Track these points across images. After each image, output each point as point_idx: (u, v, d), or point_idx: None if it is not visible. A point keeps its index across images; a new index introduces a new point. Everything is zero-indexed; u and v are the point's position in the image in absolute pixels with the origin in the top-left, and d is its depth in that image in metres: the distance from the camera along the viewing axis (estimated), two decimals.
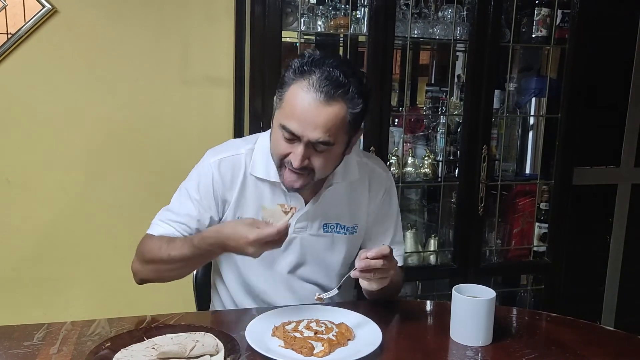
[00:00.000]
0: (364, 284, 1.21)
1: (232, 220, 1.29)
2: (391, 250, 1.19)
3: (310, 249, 1.40)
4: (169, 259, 1.25)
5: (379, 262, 1.14)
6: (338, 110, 1.18)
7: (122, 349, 1.06)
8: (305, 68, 1.18)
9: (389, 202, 1.47)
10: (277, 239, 1.14)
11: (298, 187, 1.27)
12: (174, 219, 1.32)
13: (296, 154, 1.21)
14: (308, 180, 1.26)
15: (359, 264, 1.15)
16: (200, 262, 1.36)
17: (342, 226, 1.41)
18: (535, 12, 2.14)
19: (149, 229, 1.34)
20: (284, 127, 1.20)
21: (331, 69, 1.17)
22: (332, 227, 1.40)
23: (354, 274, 1.16)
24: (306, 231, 1.39)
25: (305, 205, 1.37)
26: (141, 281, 1.34)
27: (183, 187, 1.37)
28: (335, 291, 1.25)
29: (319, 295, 1.22)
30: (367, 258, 1.14)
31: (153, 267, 1.29)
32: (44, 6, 1.90)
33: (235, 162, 1.35)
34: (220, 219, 1.35)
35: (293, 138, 1.20)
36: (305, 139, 1.19)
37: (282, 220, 1.13)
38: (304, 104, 1.17)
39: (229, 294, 1.45)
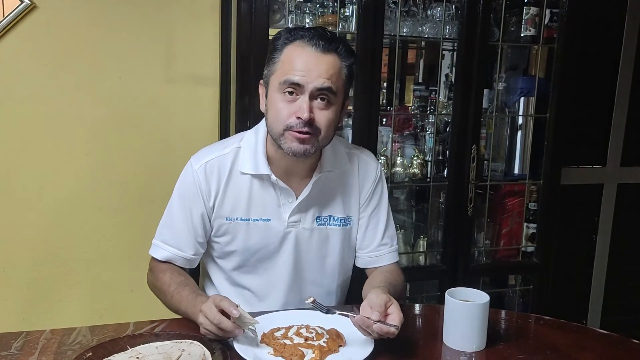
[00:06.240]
0: None
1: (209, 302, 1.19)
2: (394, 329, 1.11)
3: (305, 245, 1.39)
4: (171, 302, 1.30)
5: (374, 333, 1.10)
6: (334, 59, 1.25)
7: (104, 359, 1.03)
8: (295, 33, 1.26)
9: (380, 191, 1.46)
10: (214, 326, 1.10)
11: (304, 151, 1.25)
12: (170, 243, 1.37)
13: (302, 106, 1.22)
14: (313, 142, 1.25)
15: (356, 318, 1.10)
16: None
17: (336, 218, 1.41)
18: (524, 11, 2.14)
19: (151, 249, 1.39)
20: (285, 82, 1.23)
21: (320, 30, 1.28)
22: (325, 219, 1.40)
23: (351, 317, 1.12)
24: (299, 225, 1.38)
25: (297, 199, 1.35)
26: None
27: (173, 199, 1.39)
28: (325, 309, 1.19)
29: (314, 299, 1.17)
30: (369, 318, 1.09)
31: (158, 293, 1.36)
32: (22, 1, 1.83)
33: (220, 162, 1.35)
34: (210, 217, 1.37)
35: (296, 92, 1.23)
36: (309, 86, 1.22)
37: (234, 325, 1.09)
38: (303, 56, 1.23)
39: None
